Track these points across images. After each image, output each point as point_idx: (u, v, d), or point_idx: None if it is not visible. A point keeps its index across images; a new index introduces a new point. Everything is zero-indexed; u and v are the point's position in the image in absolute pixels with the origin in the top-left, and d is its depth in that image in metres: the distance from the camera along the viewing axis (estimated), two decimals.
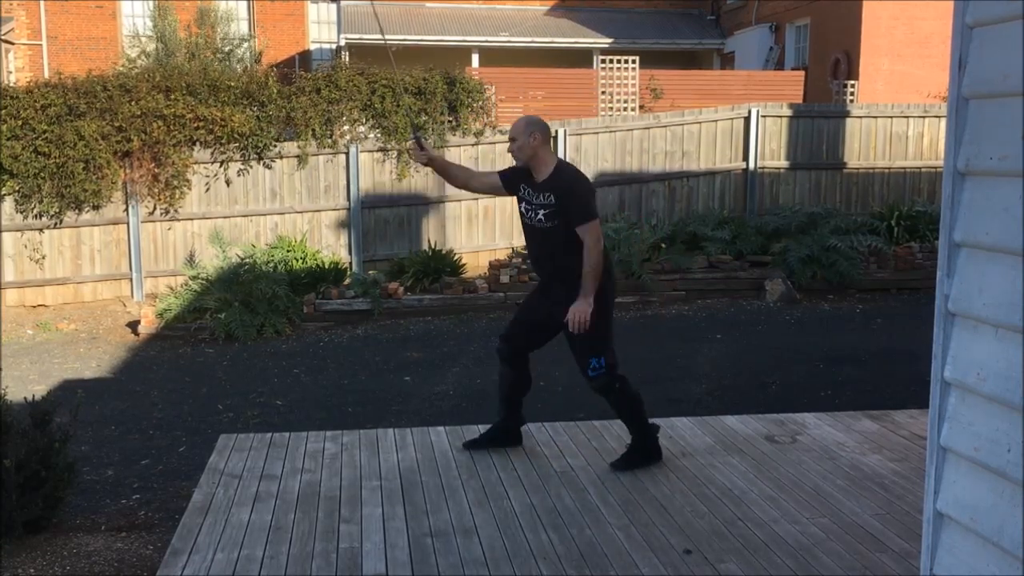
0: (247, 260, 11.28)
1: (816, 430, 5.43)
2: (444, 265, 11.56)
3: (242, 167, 12.45)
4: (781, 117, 13.83)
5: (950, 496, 2.27)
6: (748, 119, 13.65)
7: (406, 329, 10.33)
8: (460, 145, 12.97)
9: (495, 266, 11.47)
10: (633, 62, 15.64)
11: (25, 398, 5.00)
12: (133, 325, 10.85)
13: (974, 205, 2.19)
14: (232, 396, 8.02)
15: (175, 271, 12.25)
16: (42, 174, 11.61)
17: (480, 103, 13.09)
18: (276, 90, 12.48)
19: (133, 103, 11.86)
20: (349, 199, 12.72)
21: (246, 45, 19.16)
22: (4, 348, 9.82)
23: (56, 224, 11.98)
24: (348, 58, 18.00)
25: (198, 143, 12.23)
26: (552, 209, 4.69)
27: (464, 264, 12.11)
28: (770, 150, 13.82)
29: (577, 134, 13.25)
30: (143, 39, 18.48)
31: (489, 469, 4.84)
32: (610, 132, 13.45)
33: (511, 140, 4.82)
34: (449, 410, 7.32)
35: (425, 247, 12.33)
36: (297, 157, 12.55)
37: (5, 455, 4.36)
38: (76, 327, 11.04)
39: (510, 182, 4.92)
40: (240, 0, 22.57)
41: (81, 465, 5.57)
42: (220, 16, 19.32)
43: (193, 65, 14.74)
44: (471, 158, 12.98)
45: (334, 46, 22.28)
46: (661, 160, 13.62)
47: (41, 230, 11.98)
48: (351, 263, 12.63)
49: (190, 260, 12.19)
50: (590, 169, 12.89)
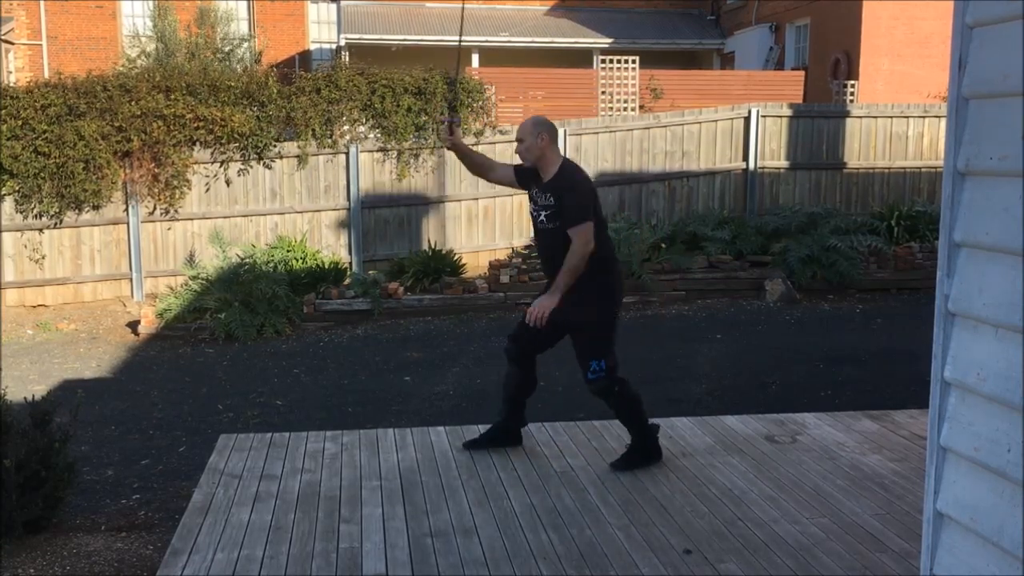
0: (247, 260, 11.28)
1: (816, 430, 5.43)
2: (444, 265, 11.56)
3: (242, 167, 12.45)
4: (781, 117, 13.82)
5: (950, 496, 2.27)
6: (748, 119, 13.65)
7: (406, 329, 10.32)
8: None
9: (495, 266, 11.47)
10: (633, 62, 15.64)
11: (25, 398, 5.00)
12: (133, 325, 10.85)
13: (974, 205, 2.19)
14: (232, 396, 8.02)
15: (175, 271, 12.25)
16: (42, 174, 11.61)
17: (480, 103, 13.09)
18: (276, 90, 12.48)
19: (133, 103, 11.85)
20: (349, 199, 12.72)
21: (246, 45, 19.15)
22: (4, 348, 9.82)
23: (56, 224, 11.98)
24: (348, 58, 18.02)
25: (198, 143, 12.23)
26: (553, 210, 4.70)
27: (464, 264, 12.11)
28: (770, 150, 13.82)
29: (577, 134, 13.25)
30: (143, 39, 18.48)
31: (489, 469, 4.84)
32: (610, 132, 13.45)
33: (519, 141, 4.82)
34: (449, 410, 7.32)
35: (425, 247, 12.33)
36: (297, 157, 12.54)
37: (5, 455, 4.36)
38: (76, 327, 11.04)
39: (523, 179, 4.94)
40: (240, 0, 22.58)
41: (81, 465, 5.57)
42: (220, 16, 19.32)
43: (193, 65, 14.75)
44: None
45: (334, 46, 22.29)
46: (661, 160, 13.62)
47: (41, 230, 11.98)
48: (351, 263, 12.63)
49: (190, 260, 12.18)
50: (590, 169, 12.87)
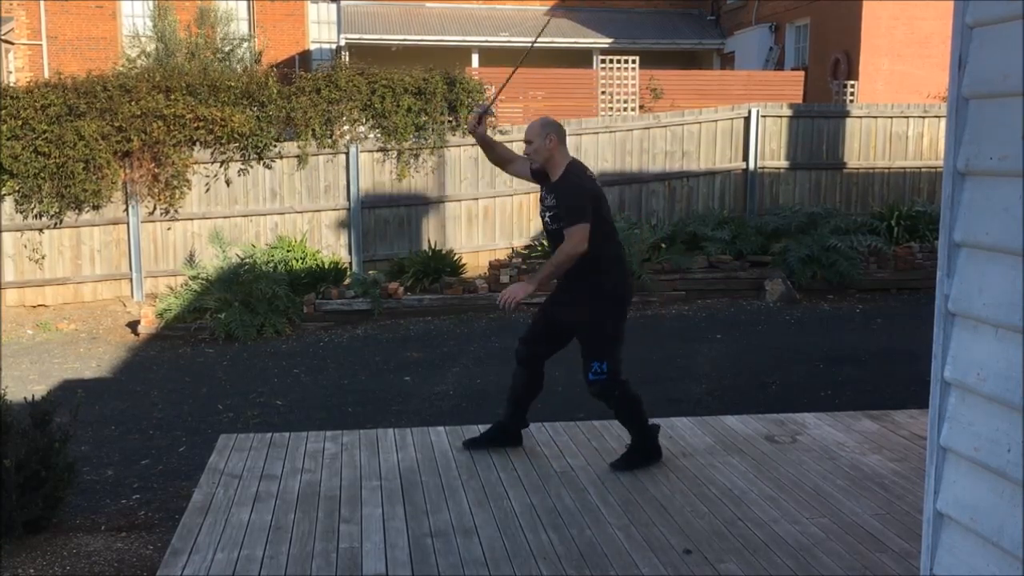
0: (247, 260, 11.28)
1: (816, 430, 5.43)
2: (444, 265, 11.56)
3: (242, 167, 12.45)
4: (781, 117, 13.82)
5: (950, 496, 2.27)
6: (748, 119, 13.65)
7: (406, 329, 10.32)
8: (460, 145, 12.96)
9: (495, 266, 11.47)
10: (633, 62, 15.64)
11: (25, 398, 5.00)
12: (133, 325, 10.85)
13: (974, 205, 2.19)
14: (232, 396, 8.02)
15: (175, 271, 12.25)
16: (42, 174, 11.60)
17: (480, 103, 13.09)
18: (276, 90, 12.47)
19: (133, 103, 11.85)
20: (349, 199, 12.72)
21: (246, 45, 19.15)
22: (4, 348, 9.82)
23: (56, 224, 11.98)
24: (348, 58, 18.02)
25: (198, 143, 12.22)
26: (555, 211, 4.70)
27: (464, 264, 12.11)
28: (770, 150, 13.82)
29: (577, 134, 13.24)
30: (143, 39, 18.47)
31: (489, 469, 4.84)
32: (610, 132, 13.45)
33: (527, 143, 4.81)
34: (449, 410, 7.32)
35: (425, 247, 12.33)
36: (297, 157, 12.54)
37: (5, 455, 4.36)
38: (76, 327, 11.04)
39: (536, 177, 4.94)
40: (240, 0, 22.58)
41: (81, 465, 5.57)
42: (220, 16, 19.31)
43: (193, 65, 14.74)
44: (471, 158, 12.98)
45: (334, 46, 22.29)
46: (661, 160, 13.62)
47: (41, 230, 11.98)
48: (351, 263, 12.63)
49: (190, 260, 12.18)
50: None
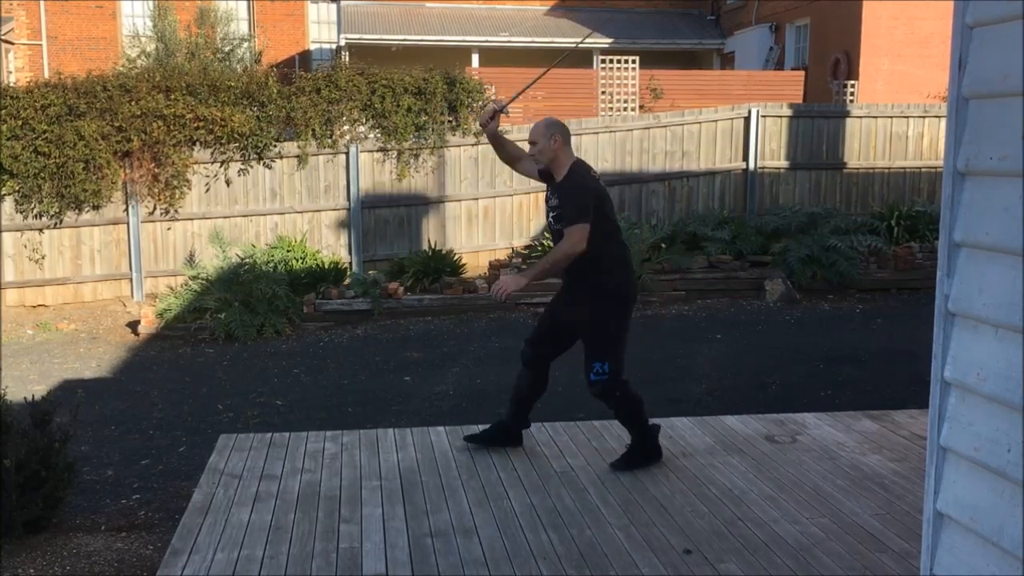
0: (247, 260, 11.28)
1: (816, 430, 5.43)
2: (444, 265, 11.56)
3: (242, 167, 12.45)
4: (781, 117, 13.82)
5: (950, 496, 2.27)
6: (748, 119, 13.65)
7: (406, 329, 10.32)
8: (460, 145, 12.96)
9: (495, 266, 11.48)
10: (633, 62, 15.64)
11: (25, 398, 5.00)
12: (133, 325, 10.85)
13: (974, 205, 2.19)
14: (232, 396, 8.02)
15: (175, 271, 12.25)
16: (42, 174, 11.60)
17: (480, 103, 13.09)
18: (276, 90, 12.47)
19: (133, 103, 11.85)
20: (349, 199, 12.71)
21: (246, 45, 19.15)
22: (4, 348, 9.82)
23: (56, 224, 11.98)
24: (348, 58, 18.01)
25: (198, 143, 12.22)
26: (559, 211, 4.69)
27: (464, 264, 12.11)
28: (770, 150, 13.82)
29: (577, 134, 13.23)
30: (143, 39, 18.47)
31: (489, 469, 4.84)
32: (610, 132, 13.45)
33: (531, 143, 4.79)
34: (449, 410, 7.32)
35: (425, 247, 12.33)
36: (297, 157, 12.54)
37: (5, 455, 4.36)
38: (76, 327, 11.04)
39: (543, 177, 4.93)
40: (240, 0, 22.58)
41: (81, 465, 5.57)
42: (220, 16, 19.32)
43: (193, 65, 14.74)
44: (471, 158, 12.99)
45: (334, 46, 22.29)
46: (661, 160, 13.62)
47: (41, 230, 11.98)
48: (351, 263, 12.63)
49: (190, 260, 12.18)
50: None
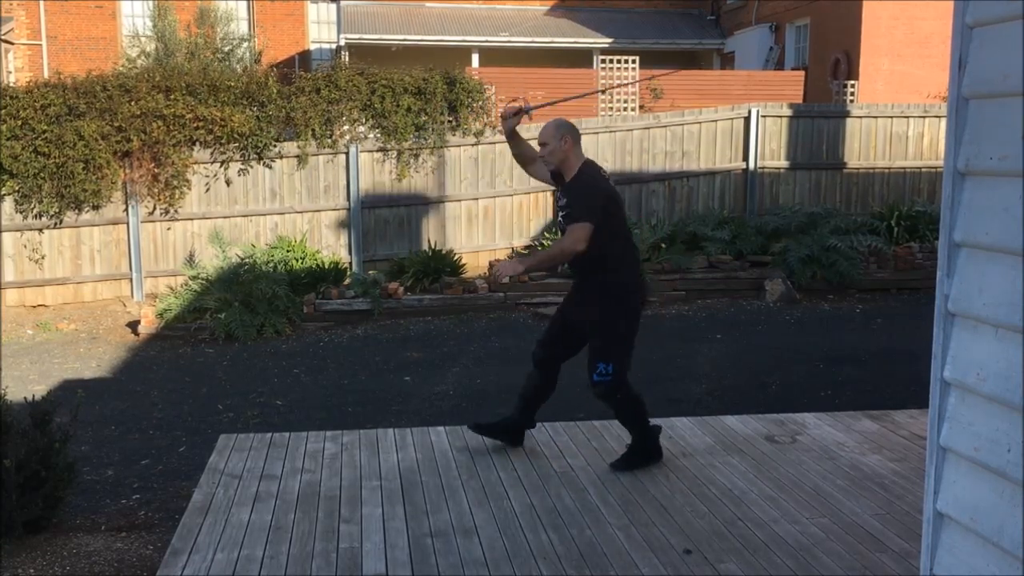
0: (247, 260, 11.28)
1: (816, 430, 5.43)
2: (444, 265, 11.56)
3: (242, 167, 12.45)
4: (781, 117, 13.82)
5: (950, 496, 2.27)
6: (748, 119, 13.64)
7: (406, 329, 10.32)
8: (460, 145, 12.96)
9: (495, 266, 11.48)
10: (633, 62, 15.64)
11: (25, 398, 5.00)
12: (133, 325, 10.85)
13: (974, 205, 2.19)
14: (232, 396, 8.02)
15: (175, 271, 12.24)
16: (42, 174, 11.60)
17: (480, 103, 13.08)
18: (276, 90, 12.47)
19: (133, 103, 11.85)
20: (349, 199, 12.71)
21: (246, 45, 19.16)
22: (4, 348, 9.82)
23: (56, 224, 11.97)
24: (348, 58, 18.01)
25: (198, 143, 12.22)
26: (568, 211, 4.67)
27: (464, 264, 12.11)
28: (770, 150, 13.81)
29: None
30: (143, 39, 18.48)
31: (489, 469, 4.84)
32: (610, 132, 13.45)
33: (542, 145, 4.75)
34: (449, 410, 7.32)
35: (425, 247, 12.33)
36: (297, 157, 12.54)
37: (5, 455, 4.36)
38: (76, 327, 11.04)
39: (554, 179, 4.91)
40: (240, 0, 22.58)
41: (81, 465, 5.57)
42: (220, 16, 19.32)
43: (193, 65, 14.74)
44: (471, 158, 12.98)
45: (334, 46, 22.29)
46: (661, 160, 13.62)
47: (41, 230, 11.97)
48: (351, 263, 12.63)
49: (190, 260, 12.18)
50: None
